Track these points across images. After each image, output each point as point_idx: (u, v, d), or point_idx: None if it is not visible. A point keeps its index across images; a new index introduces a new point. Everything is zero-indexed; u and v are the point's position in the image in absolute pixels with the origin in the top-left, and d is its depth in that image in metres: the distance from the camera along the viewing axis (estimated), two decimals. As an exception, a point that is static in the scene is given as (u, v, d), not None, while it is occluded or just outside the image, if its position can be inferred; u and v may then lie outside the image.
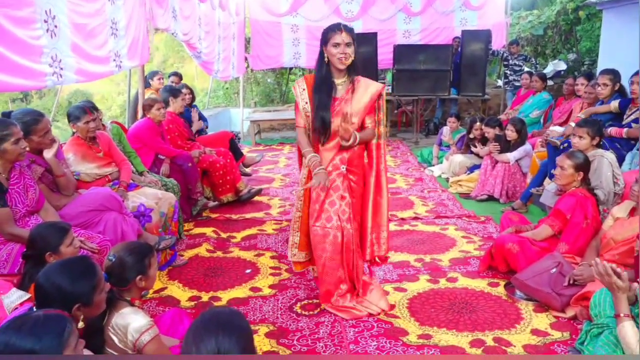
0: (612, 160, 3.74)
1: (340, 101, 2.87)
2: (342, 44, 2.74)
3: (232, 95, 12.53)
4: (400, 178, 6.21)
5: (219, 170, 4.99)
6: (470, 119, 6.26)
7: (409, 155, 7.52)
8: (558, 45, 11.23)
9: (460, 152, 6.09)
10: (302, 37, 9.09)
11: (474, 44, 8.36)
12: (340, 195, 2.90)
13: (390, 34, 9.22)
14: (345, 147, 2.82)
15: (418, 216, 4.74)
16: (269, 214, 4.90)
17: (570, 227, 3.30)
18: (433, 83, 8.31)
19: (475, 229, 4.40)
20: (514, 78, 8.44)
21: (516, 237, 3.44)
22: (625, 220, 3.06)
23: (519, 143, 5.19)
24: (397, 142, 8.55)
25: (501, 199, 5.14)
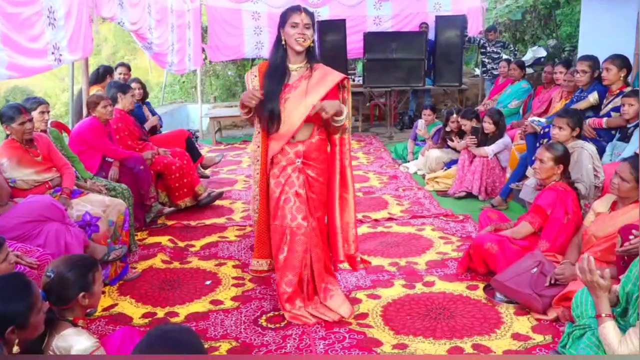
0: (593, 151, 3.85)
1: (291, 88, 2.88)
2: (300, 24, 2.79)
3: (190, 90, 12.40)
4: (373, 176, 6.25)
5: (174, 173, 4.93)
6: (447, 110, 6.36)
7: (383, 151, 7.58)
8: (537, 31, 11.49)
9: (436, 147, 6.17)
10: (264, 25, 9.07)
11: (448, 30, 8.50)
12: (295, 192, 2.90)
13: (359, 21, 9.28)
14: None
15: (392, 217, 4.78)
16: (231, 219, 4.86)
17: (551, 224, 3.38)
18: (406, 73, 8.41)
19: (453, 229, 4.46)
20: (492, 66, 8.58)
21: (495, 237, 3.51)
22: (606, 215, 3.15)
23: (497, 136, 5.29)
24: (370, 137, 8.60)
25: (480, 195, 5.23)
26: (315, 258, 2.97)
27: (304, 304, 3.02)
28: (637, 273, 2.34)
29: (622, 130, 4.14)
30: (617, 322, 2.32)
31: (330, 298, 3.06)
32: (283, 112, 2.86)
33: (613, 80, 4.32)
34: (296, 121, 2.85)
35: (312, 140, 2.93)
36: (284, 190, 2.92)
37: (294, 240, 2.90)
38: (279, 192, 2.92)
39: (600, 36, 6.83)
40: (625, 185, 3.00)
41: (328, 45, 8.42)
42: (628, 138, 4.03)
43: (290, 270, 2.94)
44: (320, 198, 3.00)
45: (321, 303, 3.04)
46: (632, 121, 4.04)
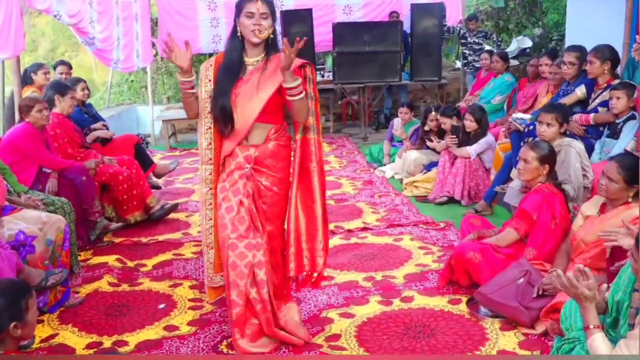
0: (581, 150, 3.96)
1: (242, 82, 2.88)
2: (256, 14, 2.80)
3: (139, 90, 12.29)
4: (346, 182, 6.30)
5: (122, 184, 4.88)
6: (425, 108, 6.45)
7: (356, 154, 7.64)
8: (522, 19, 11.75)
9: (414, 148, 6.25)
10: (221, 15, 9.08)
11: (425, 19, 8.62)
12: (239, 201, 2.89)
13: (328, 10, 9.36)
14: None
15: (367, 226, 4.82)
16: (188, 234, 4.84)
17: (537, 229, 3.46)
18: (381, 67, 8.51)
19: (433, 238, 4.52)
20: (474, 58, 8.76)
21: (478, 245, 3.57)
22: (595, 218, 3.24)
23: (480, 134, 5.39)
24: (342, 138, 8.67)
25: (463, 200, 5.32)
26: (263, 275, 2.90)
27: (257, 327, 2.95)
28: (626, 280, 2.42)
29: (611, 126, 4.27)
30: (607, 333, 2.40)
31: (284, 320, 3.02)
32: (235, 110, 2.86)
33: (597, 73, 4.46)
34: (248, 118, 2.85)
35: (267, 145, 2.93)
36: (226, 198, 2.91)
37: (234, 255, 2.85)
38: (221, 198, 2.93)
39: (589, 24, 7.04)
40: (613, 186, 3.09)
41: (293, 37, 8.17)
42: (618, 134, 4.16)
43: (233, 288, 2.87)
44: (274, 210, 2.98)
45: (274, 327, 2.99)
46: (621, 116, 4.17)
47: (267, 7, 2.83)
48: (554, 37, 10.90)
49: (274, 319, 2.96)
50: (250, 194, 2.90)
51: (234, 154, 2.93)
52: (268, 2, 2.84)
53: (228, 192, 2.92)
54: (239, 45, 2.88)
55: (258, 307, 2.89)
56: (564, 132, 4.07)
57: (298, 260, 3.03)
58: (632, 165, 3.10)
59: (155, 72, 11.43)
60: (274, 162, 2.95)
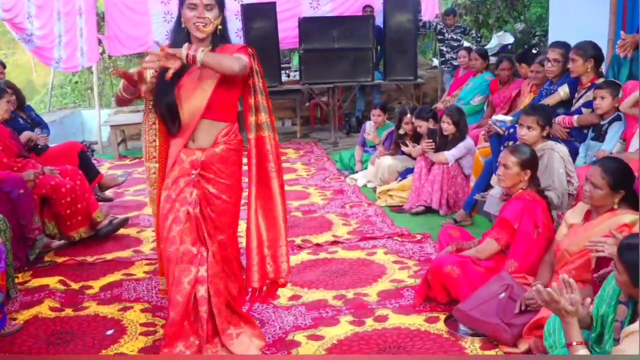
0: (564, 153, 4.07)
1: (186, 75, 2.89)
2: (199, 5, 2.81)
3: (85, 92, 12.15)
4: (314, 191, 6.34)
5: (65, 197, 4.83)
6: (399, 110, 6.54)
7: (326, 160, 7.70)
8: (503, 13, 12.01)
9: (388, 154, 6.33)
10: (175, 10, 9.01)
11: (399, 14, 8.75)
12: (186, 211, 2.92)
13: (293, 4, 9.40)
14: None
15: (338, 240, 4.86)
16: (140, 252, 4.81)
17: (519, 240, 3.54)
18: (352, 66, 8.59)
19: (409, 251, 4.58)
20: (452, 56, 8.91)
21: (456, 258, 3.64)
22: (579, 226, 3.34)
23: (458, 138, 5.50)
24: (310, 144, 8.71)
25: (441, 210, 5.40)
26: (213, 291, 2.95)
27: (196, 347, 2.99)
28: (611, 292, 2.50)
29: (596, 128, 4.39)
30: (592, 349, 2.47)
31: (233, 342, 3.04)
32: (180, 105, 2.88)
33: (580, 72, 4.60)
34: (195, 112, 2.87)
35: (215, 149, 2.96)
36: (173, 208, 2.93)
37: (179, 270, 2.90)
38: (167, 209, 2.94)
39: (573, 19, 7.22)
40: (597, 193, 3.18)
41: (255, 34, 8.48)
42: (603, 136, 4.29)
43: (172, 307, 2.92)
44: (224, 219, 3.03)
45: (223, 346, 3.03)
46: (606, 117, 4.30)
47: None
48: (537, 32, 11.16)
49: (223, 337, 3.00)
50: (197, 203, 2.93)
51: (178, 158, 2.95)
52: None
53: (175, 203, 2.94)
54: (185, 38, 2.88)
55: (207, 324, 2.94)
56: (546, 135, 4.17)
57: (261, 269, 3.08)
58: (617, 170, 3.20)
59: (102, 72, 11.32)
60: (222, 167, 2.98)
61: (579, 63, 4.58)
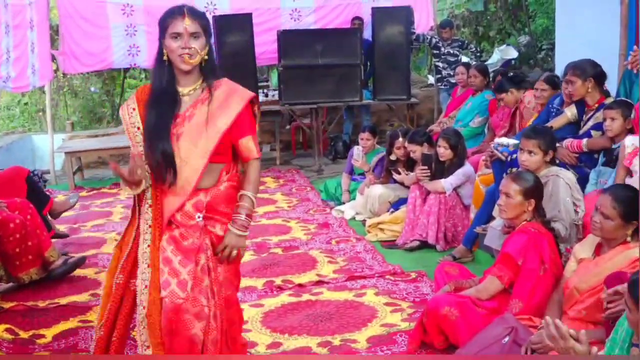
0: (570, 180, 4.18)
1: (183, 120, 2.91)
2: (184, 35, 2.82)
3: (36, 115, 12.17)
4: (296, 225, 6.38)
5: (13, 234, 4.82)
6: (390, 133, 6.62)
7: (309, 190, 7.76)
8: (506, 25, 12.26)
9: (378, 182, 6.41)
10: (139, 22, 9.14)
11: (389, 26, 8.93)
12: (206, 268, 2.90)
13: (271, 15, 9.55)
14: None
15: (323, 280, 4.89)
16: (98, 296, 4.78)
17: (524, 277, 3.61)
18: (337, 84, 8.72)
19: (403, 291, 4.63)
20: (449, 72, 9.07)
21: (455, 298, 3.69)
22: (590, 261, 3.41)
23: (456, 164, 5.58)
24: (291, 171, 8.78)
25: (438, 245, 5.47)
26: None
27: None
28: (623, 334, 2.56)
29: (607, 152, 4.51)
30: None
31: None
32: (178, 154, 2.86)
33: (581, 93, 4.75)
34: (198, 164, 2.86)
35: (219, 188, 2.96)
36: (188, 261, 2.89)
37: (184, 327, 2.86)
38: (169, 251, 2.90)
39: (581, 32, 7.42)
40: (608, 224, 3.27)
41: (229, 49, 8.60)
42: (615, 162, 4.39)
43: None
44: (232, 268, 3.02)
45: None
46: (617, 140, 4.41)
47: (198, 23, 2.84)
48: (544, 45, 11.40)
49: None
50: (204, 250, 2.91)
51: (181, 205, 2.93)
52: (197, 15, 2.86)
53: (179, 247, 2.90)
54: (168, 72, 2.91)
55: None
56: (551, 161, 4.28)
57: None
58: (629, 198, 3.29)
59: (56, 92, 11.38)
60: (228, 208, 2.96)
61: (578, 84, 4.74)
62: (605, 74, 4.88)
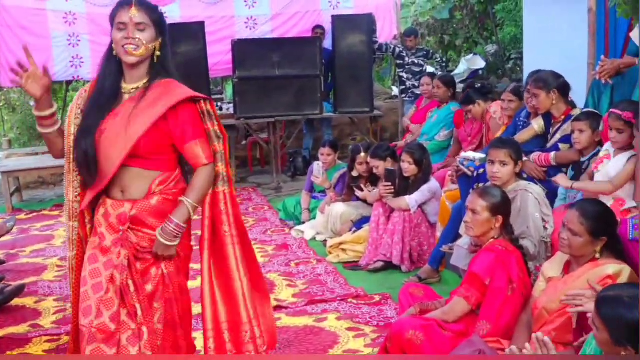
0: (539, 195, 4.26)
1: (112, 116, 2.90)
2: (129, 25, 2.83)
3: (-31, 131, 11.99)
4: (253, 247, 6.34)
5: (-56, 261, 4.77)
6: (352, 148, 6.67)
7: (267, 209, 7.78)
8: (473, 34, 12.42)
9: (340, 200, 6.46)
10: (83, 31, 9.09)
11: (351, 35, 9.03)
12: (110, 276, 2.87)
13: (225, 23, 9.59)
14: None
15: (281, 304, 4.90)
16: (38, 327, 4.74)
17: (491, 297, 3.66)
18: (296, 96, 8.77)
19: (366, 315, 4.66)
20: (413, 84, 9.19)
21: (420, 321, 3.72)
22: (558, 280, 3.48)
23: (421, 180, 5.64)
24: (247, 190, 8.79)
25: (403, 265, 5.51)
26: None
27: None
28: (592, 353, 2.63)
29: (576, 165, 4.61)
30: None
31: None
32: (100, 152, 2.88)
33: (546, 106, 4.88)
34: (112, 163, 2.86)
35: (149, 201, 2.92)
36: (95, 271, 2.89)
37: (91, 350, 2.82)
38: (88, 271, 2.90)
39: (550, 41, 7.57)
40: (576, 240, 3.34)
41: (180, 59, 8.52)
42: (584, 175, 4.51)
43: None
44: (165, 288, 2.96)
45: None
46: (586, 153, 4.52)
47: (146, 14, 2.86)
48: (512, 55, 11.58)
49: None
50: (125, 267, 2.87)
51: (106, 212, 2.93)
52: (147, 7, 2.88)
53: (99, 264, 2.90)
54: (115, 68, 2.93)
55: None
56: (518, 174, 4.37)
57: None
58: (597, 214, 3.38)
59: (-8, 107, 11.23)
60: (159, 222, 2.90)
61: (542, 97, 4.87)
62: (569, 84, 5.00)
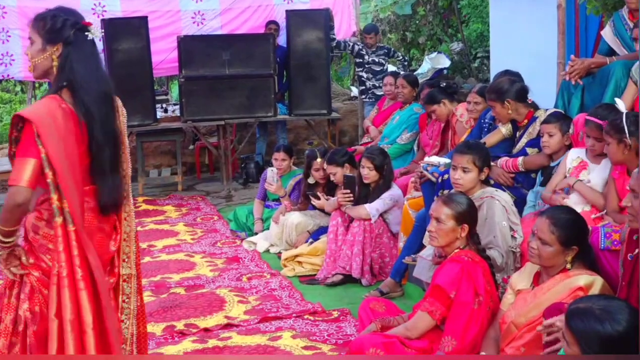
0: (507, 202, 4.31)
1: None
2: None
3: None
4: (201, 260, 6.35)
5: None
6: (308, 153, 6.67)
7: (216, 220, 7.74)
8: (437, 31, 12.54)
9: (296, 209, 6.46)
10: (13, 26, 8.96)
11: (306, 32, 9.02)
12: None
13: (170, 19, 9.52)
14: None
15: (232, 322, 4.87)
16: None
17: (456, 312, 3.69)
18: (248, 97, 8.75)
19: (324, 333, 4.66)
20: (374, 84, 9.23)
21: (381, 338, 3.74)
22: (528, 292, 3.53)
23: (382, 187, 5.66)
24: (195, 198, 8.75)
25: (363, 278, 5.52)
26: None
27: None
28: (562, 370, 2.68)
29: (545, 170, 4.69)
30: None
31: None
32: None
33: (505, 116, 4.94)
34: None
35: (29, 218, 3.00)
36: None
37: None
38: None
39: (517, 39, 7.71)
40: (547, 250, 3.40)
41: (121, 57, 8.47)
42: (554, 181, 4.58)
43: None
44: None
45: None
46: (556, 157, 4.60)
47: (33, 25, 2.99)
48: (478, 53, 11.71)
49: None
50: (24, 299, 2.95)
51: None
52: (35, 17, 3.00)
53: None
54: None
55: None
56: (485, 180, 4.42)
57: None
58: (568, 222, 3.45)
59: None
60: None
61: (498, 108, 4.94)
62: (526, 88, 5.02)
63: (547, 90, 5.72)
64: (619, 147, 3.85)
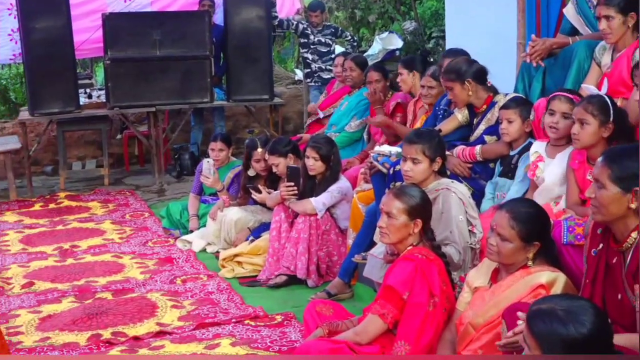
0: (464, 195, 4.35)
1: None
2: None
3: None
4: (130, 262, 6.30)
5: None
6: (247, 142, 6.64)
7: (147, 216, 7.70)
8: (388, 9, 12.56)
9: (235, 204, 6.44)
10: None
11: (245, 9, 9.00)
12: None
13: (93, -6, 9.41)
14: None
15: (165, 329, 4.84)
16: None
17: (410, 314, 3.71)
18: (182, 81, 8.72)
19: (267, 339, 4.64)
20: (320, 66, 9.23)
21: (328, 344, 3.75)
22: (485, 290, 3.57)
23: (329, 179, 5.66)
24: (123, 193, 8.68)
25: (309, 279, 5.53)
26: None
27: None
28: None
29: (505, 160, 4.74)
30: None
31: None
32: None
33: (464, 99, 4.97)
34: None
35: None
36: None
37: None
38: None
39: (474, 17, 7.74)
40: (506, 247, 3.43)
41: (39, 36, 8.33)
42: (514, 172, 4.62)
43: None
44: None
45: None
46: (515, 146, 4.65)
47: None
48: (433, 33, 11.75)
49: None
50: None
51: None
52: None
53: None
54: None
55: None
56: (440, 172, 4.45)
57: None
58: (529, 216, 3.48)
59: None
60: None
61: (457, 90, 4.96)
62: (485, 69, 5.07)
63: (507, 73, 5.75)
64: (599, 130, 3.83)
